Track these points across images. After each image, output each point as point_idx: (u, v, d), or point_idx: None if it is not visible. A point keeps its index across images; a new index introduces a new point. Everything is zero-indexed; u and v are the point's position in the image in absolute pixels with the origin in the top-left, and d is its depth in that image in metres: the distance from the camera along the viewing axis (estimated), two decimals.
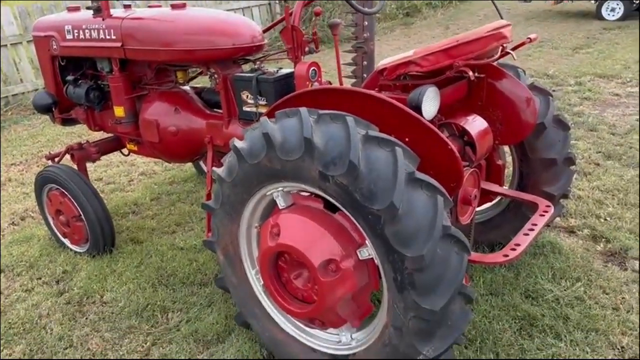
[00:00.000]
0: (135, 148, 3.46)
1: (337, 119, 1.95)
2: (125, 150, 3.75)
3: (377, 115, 2.00)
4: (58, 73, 3.43)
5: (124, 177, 4.87)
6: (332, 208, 2.06)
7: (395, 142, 1.86)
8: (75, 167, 3.59)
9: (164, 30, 2.77)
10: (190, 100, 3.12)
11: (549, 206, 2.55)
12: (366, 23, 3.86)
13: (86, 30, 3.06)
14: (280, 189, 2.16)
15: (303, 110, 1.99)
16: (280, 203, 2.19)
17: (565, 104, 5.82)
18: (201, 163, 4.56)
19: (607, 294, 2.76)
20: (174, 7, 2.89)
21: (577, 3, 11.39)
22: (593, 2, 10.84)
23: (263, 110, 2.65)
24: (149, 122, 3.10)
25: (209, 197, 2.76)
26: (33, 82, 7.35)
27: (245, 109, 2.76)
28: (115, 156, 5.06)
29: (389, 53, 9.12)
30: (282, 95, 2.51)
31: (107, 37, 2.96)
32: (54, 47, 3.29)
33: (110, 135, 3.73)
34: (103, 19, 2.99)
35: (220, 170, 2.25)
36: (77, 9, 3.44)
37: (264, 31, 2.94)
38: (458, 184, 2.01)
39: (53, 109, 3.48)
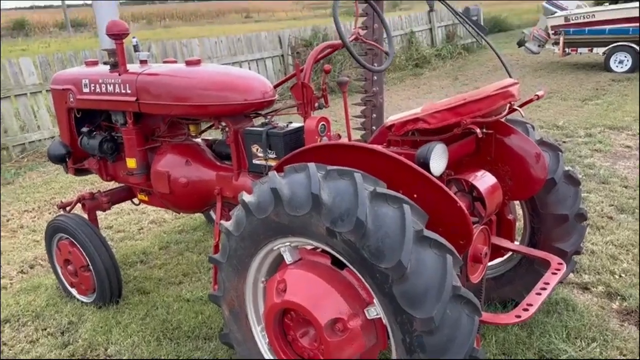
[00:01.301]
0: (146, 198, 3.49)
1: (345, 175, 1.96)
2: (136, 200, 3.79)
3: (385, 171, 2.01)
4: (73, 124, 3.51)
5: (134, 225, 4.89)
6: (340, 264, 2.04)
7: (403, 199, 1.86)
8: (85, 216, 3.61)
9: (177, 85, 2.85)
10: (201, 153, 3.16)
11: (561, 264, 2.50)
12: (375, 77, 3.93)
13: (102, 85, 3.15)
14: (287, 243, 2.15)
15: (311, 165, 2.01)
16: (288, 258, 2.17)
17: (576, 156, 5.81)
18: (211, 212, 4.57)
19: (624, 355, 2.67)
20: (188, 63, 2.97)
21: (585, 55, 11.55)
22: (601, 54, 10.99)
23: (272, 163, 2.67)
24: (160, 173, 3.14)
25: (216, 249, 2.75)
26: (50, 130, 7.52)
27: (255, 162, 2.79)
28: (126, 204, 5.07)
29: (399, 103, 9.27)
30: (292, 149, 2.53)
31: (123, 91, 3.04)
32: (71, 99, 3.38)
33: (121, 184, 3.77)
34: (119, 74, 3.07)
35: (228, 224, 2.25)
36: (95, 63, 3.55)
37: (275, 86, 3.00)
38: (467, 242, 1.98)
39: (67, 159, 3.54)
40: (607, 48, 10.78)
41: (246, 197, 2.15)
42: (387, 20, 13.41)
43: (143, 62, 3.24)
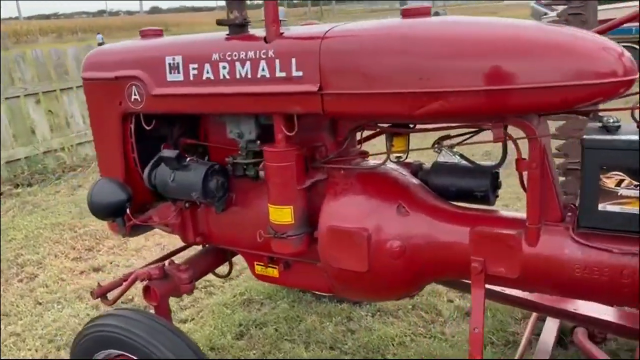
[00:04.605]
0: (276, 274, 1.92)
1: None
2: (221, 270, 2.24)
3: None
4: (134, 144, 1.90)
5: None
6: None
7: None
8: (149, 309, 2.00)
9: (432, 52, 1.35)
10: (418, 191, 1.68)
11: None
12: None
13: (222, 64, 1.59)
14: None
15: None
16: None
17: None
18: None
19: None
20: (407, 14, 1.48)
21: None
22: None
23: None
24: (344, 233, 1.60)
25: None
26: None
27: (609, 208, 1.35)
28: (137, 244, 3.45)
29: None
30: None
31: (281, 74, 1.49)
32: (134, 97, 1.78)
33: (202, 246, 2.17)
34: (267, 41, 1.53)
35: None
36: (158, 33, 1.96)
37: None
38: None
39: (127, 209, 1.89)
40: None
41: None
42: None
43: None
